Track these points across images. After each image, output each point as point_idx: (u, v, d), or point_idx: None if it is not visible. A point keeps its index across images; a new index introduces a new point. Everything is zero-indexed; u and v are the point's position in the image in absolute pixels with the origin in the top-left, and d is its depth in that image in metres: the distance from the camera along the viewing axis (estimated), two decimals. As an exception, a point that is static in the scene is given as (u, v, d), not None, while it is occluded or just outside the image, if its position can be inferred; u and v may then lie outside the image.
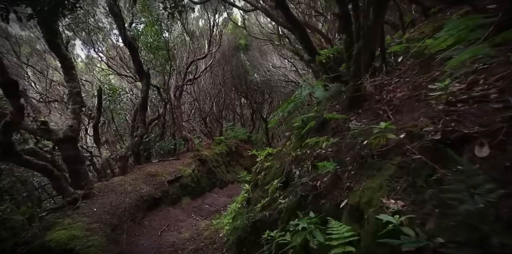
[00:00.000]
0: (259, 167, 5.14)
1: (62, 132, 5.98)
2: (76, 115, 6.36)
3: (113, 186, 6.68)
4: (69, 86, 6.29)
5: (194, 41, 10.89)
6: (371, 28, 2.84)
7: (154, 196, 6.86)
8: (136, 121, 8.21)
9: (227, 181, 11.05)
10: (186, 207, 7.48)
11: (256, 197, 4.44)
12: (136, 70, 7.80)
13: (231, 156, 13.23)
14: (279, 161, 4.42)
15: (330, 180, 2.46)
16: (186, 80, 10.37)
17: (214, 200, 8.43)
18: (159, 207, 6.90)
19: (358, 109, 3.22)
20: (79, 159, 6.25)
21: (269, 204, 3.69)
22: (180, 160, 9.12)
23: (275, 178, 3.91)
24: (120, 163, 7.62)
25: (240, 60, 16.52)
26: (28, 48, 9.86)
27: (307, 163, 3.27)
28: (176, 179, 7.90)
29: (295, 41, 7.24)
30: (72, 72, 6.27)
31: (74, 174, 6.16)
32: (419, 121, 1.82)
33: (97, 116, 7.64)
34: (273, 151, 5.19)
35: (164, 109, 9.89)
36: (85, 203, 5.72)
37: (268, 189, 3.92)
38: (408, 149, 1.62)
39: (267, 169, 4.65)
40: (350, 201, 1.93)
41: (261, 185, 4.57)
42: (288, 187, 3.47)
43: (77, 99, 6.42)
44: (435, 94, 1.99)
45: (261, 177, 4.64)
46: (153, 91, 10.35)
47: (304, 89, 3.87)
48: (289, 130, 8.52)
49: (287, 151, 4.43)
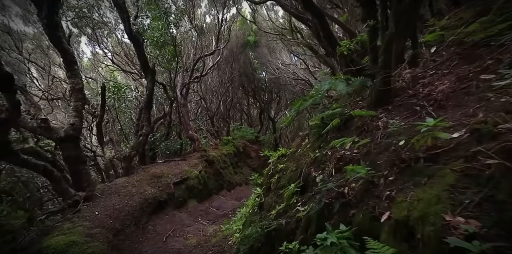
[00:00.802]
0: (271, 169, 4.84)
1: (63, 130, 5.78)
2: (78, 113, 6.15)
3: (117, 188, 6.46)
4: (71, 82, 6.09)
5: (202, 37, 10.64)
6: (407, 10, 2.50)
7: (159, 198, 6.62)
8: (141, 120, 7.99)
9: (235, 183, 10.77)
10: (193, 210, 7.22)
11: (270, 202, 4.14)
12: (141, 66, 7.59)
13: (238, 156, 12.95)
14: (294, 162, 4.12)
15: (362, 187, 2.14)
16: (193, 78, 10.13)
17: (222, 203, 8.16)
18: (164, 210, 6.65)
19: (388, 106, 2.89)
20: (81, 159, 6.04)
21: (285, 211, 3.39)
22: (186, 161, 8.87)
23: (291, 182, 3.61)
24: (124, 163, 7.41)
25: (248, 57, 16.25)
26: (31, 45, 9.75)
27: (329, 165, 2.96)
28: (182, 181, 7.65)
29: (308, 36, 6.92)
30: (74, 67, 6.06)
31: (75, 175, 5.96)
32: (485, 116, 1.49)
33: (100, 114, 7.45)
34: (287, 151, 4.88)
35: (170, 107, 9.66)
36: (87, 206, 5.51)
37: (283, 194, 3.62)
38: (478, 151, 1.29)
39: (281, 171, 4.34)
40: (395, 214, 1.60)
41: (274, 189, 4.27)
42: (306, 192, 3.17)
43: (80, 96, 6.22)
44: (499, 85, 1.65)
45: (274, 180, 4.33)
46: (158, 88, 10.14)
47: (324, 84, 3.55)
48: (301, 129, 8.00)
49: (303, 152, 4.12)
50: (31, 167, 4.83)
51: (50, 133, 5.58)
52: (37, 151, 5.60)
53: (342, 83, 3.47)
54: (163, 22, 7.64)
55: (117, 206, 5.74)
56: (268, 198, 4.37)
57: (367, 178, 2.08)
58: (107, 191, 6.27)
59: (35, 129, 5.46)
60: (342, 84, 3.46)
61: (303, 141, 4.67)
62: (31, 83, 9.43)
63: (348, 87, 3.42)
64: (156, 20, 7.53)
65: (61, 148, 5.85)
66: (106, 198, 5.99)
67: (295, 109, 4.72)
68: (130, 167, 7.52)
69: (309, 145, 4.11)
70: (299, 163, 3.88)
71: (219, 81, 14.60)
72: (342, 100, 4.37)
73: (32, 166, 4.77)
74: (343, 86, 3.42)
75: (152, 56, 9.31)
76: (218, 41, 10.23)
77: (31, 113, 5.63)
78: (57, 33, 5.38)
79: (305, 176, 3.34)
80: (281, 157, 4.94)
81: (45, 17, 4.94)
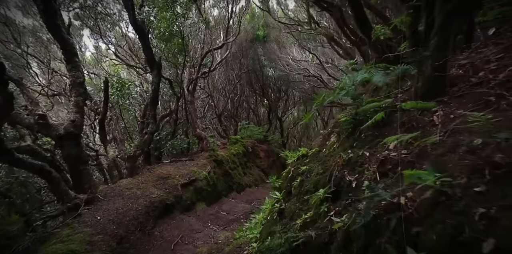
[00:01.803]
0: (291, 171, 4.41)
1: (63, 127, 5.44)
2: (79, 108, 5.82)
3: (120, 190, 6.11)
4: (71, 75, 5.75)
5: (210, 30, 10.23)
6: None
7: (166, 201, 6.25)
8: (146, 117, 7.64)
9: (245, 184, 10.37)
10: (202, 214, 6.85)
11: (292, 209, 3.73)
12: (147, 59, 7.22)
13: (247, 156, 12.55)
14: (319, 164, 3.69)
15: (429, 198, 1.70)
16: (201, 73, 9.73)
17: (232, 207, 7.76)
18: (171, 214, 6.29)
19: (442, 97, 2.45)
20: (82, 158, 5.70)
21: (313, 220, 2.97)
22: (194, 161, 8.50)
23: (319, 186, 3.19)
24: (128, 163, 7.07)
25: (257, 53, 15.83)
26: (31, 37, 9.45)
27: (369, 168, 2.53)
28: (190, 182, 7.28)
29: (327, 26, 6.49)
30: (74, 59, 5.72)
31: (76, 176, 5.63)
32: None
33: (103, 111, 7.11)
34: (308, 151, 4.44)
35: (177, 104, 9.30)
36: (88, 210, 5.16)
37: (309, 200, 3.21)
38: None
39: (304, 174, 3.92)
40: (505, 244, 1.17)
41: (297, 193, 3.85)
42: (340, 200, 2.75)
43: (81, 90, 5.88)
44: None
45: (296, 183, 3.91)
46: (164, 84, 9.78)
47: (358, 74, 3.11)
48: (309, 129, 7.43)
49: (330, 152, 3.69)
50: (27, 167, 4.49)
51: (49, 130, 5.24)
52: (34, 149, 5.28)
53: (379, 73, 3.03)
54: (170, 12, 7.26)
55: (121, 209, 5.39)
56: (289, 204, 3.96)
57: (437, 187, 1.65)
58: (110, 193, 5.92)
59: (32, 125, 5.13)
60: (379, 74, 3.01)
61: (326, 140, 4.25)
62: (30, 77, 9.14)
63: (386, 77, 2.98)
64: (163, 10, 7.15)
65: (60, 147, 5.52)
66: (109, 201, 5.64)
67: (317, 105, 4.30)
68: (134, 167, 7.18)
69: (336, 144, 3.68)
70: (326, 164, 3.46)
71: (227, 78, 14.21)
72: (373, 93, 3.94)
73: (28, 166, 4.44)
74: (380, 76, 2.98)
75: (158, 50, 8.96)
76: (227, 34, 9.81)
77: (28, 109, 5.29)
78: (55, 21, 5.03)
79: (337, 180, 2.92)
80: (301, 158, 4.52)
81: (41, 2, 4.59)
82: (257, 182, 11.78)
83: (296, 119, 25.72)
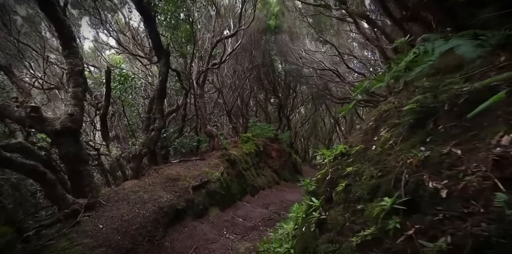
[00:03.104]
0: (329, 173, 3.77)
1: (60, 122, 4.85)
2: (78, 100, 5.22)
3: (125, 193, 5.53)
4: (69, 63, 5.15)
5: (220, 17, 9.59)
6: None
7: (176, 206, 5.65)
8: (152, 111, 7.04)
9: (258, 186, 9.75)
10: (216, 220, 6.24)
11: (339, 221, 3.07)
12: (153, 46, 6.59)
13: (259, 156, 11.93)
14: (371, 165, 3.04)
15: None
16: (211, 64, 9.10)
17: (248, 212, 7.15)
18: (182, 221, 5.68)
19: None
20: (82, 158, 5.11)
21: (377, 239, 2.31)
22: (205, 160, 7.90)
23: (378, 193, 2.55)
24: (133, 163, 6.47)
25: (267, 45, 15.20)
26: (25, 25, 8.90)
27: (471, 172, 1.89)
28: (202, 185, 6.68)
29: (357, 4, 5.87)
30: (72, 44, 5.13)
31: (75, 177, 5.04)
32: None
33: (105, 104, 6.53)
34: (350, 149, 3.78)
35: (185, 99, 8.70)
36: (88, 217, 4.57)
37: (364, 211, 2.57)
38: None
39: (349, 176, 3.28)
40: None
41: (343, 201, 3.19)
42: (420, 214, 2.09)
43: (80, 80, 5.28)
44: None
45: (340, 188, 3.25)
46: (171, 77, 9.18)
47: (438, 45, 2.46)
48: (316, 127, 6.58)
49: (385, 149, 3.04)
50: (16, 168, 3.91)
51: (43, 124, 4.65)
52: (26, 147, 4.71)
53: (467, 43, 2.36)
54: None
55: (126, 216, 4.79)
56: (333, 214, 3.30)
57: None
58: (114, 197, 5.33)
59: (23, 119, 4.54)
60: (467, 45, 2.34)
61: (372, 135, 3.60)
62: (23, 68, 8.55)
63: (478, 48, 2.31)
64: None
65: (56, 144, 4.94)
66: (112, 206, 5.05)
67: (361, 90, 3.68)
68: (140, 167, 6.59)
69: (393, 139, 3.02)
70: (385, 165, 2.79)
71: (236, 72, 13.56)
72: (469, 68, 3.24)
73: (18, 166, 3.85)
74: (469, 47, 2.31)
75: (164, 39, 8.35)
76: (240, 21, 9.16)
77: (18, 101, 4.71)
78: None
79: (411, 186, 2.25)
80: (341, 157, 3.85)
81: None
82: (270, 184, 11.18)
83: (304, 118, 25.14)
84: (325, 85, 17.02)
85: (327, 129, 26.71)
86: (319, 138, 27.40)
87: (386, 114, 3.68)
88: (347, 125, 24.62)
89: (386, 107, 3.85)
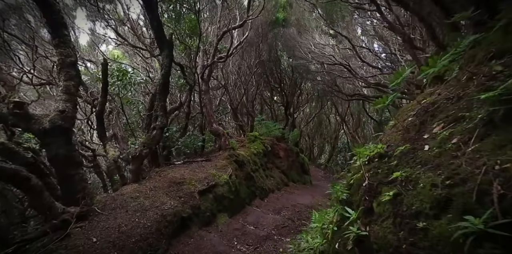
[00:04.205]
0: (366, 178, 3.19)
1: (49, 119, 4.31)
2: (70, 96, 4.67)
3: (124, 200, 4.97)
4: (60, 53, 4.60)
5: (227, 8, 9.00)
6: None
7: (181, 214, 5.09)
8: (154, 108, 6.47)
9: (268, 189, 9.17)
10: (225, 229, 5.67)
11: (390, 240, 2.47)
12: (155, 36, 6.04)
13: (267, 156, 11.35)
14: (427, 169, 2.46)
15: None
16: (217, 58, 8.52)
17: (259, 218, 6.58)
18: (188, 231, 5.12)
19: None
20: (74, 160, 4.57)
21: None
22: (212, 162, 7.34)
23: (448, 209, 1.97)
24: (133, 165, 5.92)
25: (274, 40, 14.62)
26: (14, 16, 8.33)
27: None
28: (209, 189, 6.11)
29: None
30: (62, 32, 4.58)
31: (65, 182, 4.49)
32: None
33: (101, 101, 5.99)
34: (396, 150, 3.17)
35: (189, 95, 8.13)
36: (80, 228, 4.02)
37: (431, 230, 2.00)
38: None
39: (396, 183, 2.71)
40: None
41: (391, 215, 2.60)
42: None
43: (72, 73, 4.73)
44: None
45: (385, 198, 2.67)
46: (174, 72, 8.62)
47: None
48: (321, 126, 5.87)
49: (447, 149, 2.45)
50: (-6, 173, 3.35)
51: (29, 122, 4.11)
52: (9, 148, 4.16)
53: None
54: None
55: (124, 227, 4.23)
56: (378, 230, 2.72)
57: None
58: (111, 204, 4.78)
59: (5, 117, 4.00)
60: None
61: (420, 132, 3.03)
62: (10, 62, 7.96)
63: None
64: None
65: (45, 145, 4.39)
66: (109, 215, 4.50)
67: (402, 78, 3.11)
68: (140, 170, 6.04)
69: (459, 137, 2.43)
70: (455, 171, 2.20)
71: (242, 67, 12.98)
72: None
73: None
74: None
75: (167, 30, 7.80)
76: (248, 11, 8.57)
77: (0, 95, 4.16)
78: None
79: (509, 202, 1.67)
80: (378, 159, 3.26)
81: None
82: (279, 186, 10.61)
83: (308, 116, 24.57)
84: (334, 81, 16.45)
85: (332, 127, 26.16)
86: (324, 136, 26.85)
87: (434, 108, 3.08)
88: (354, 124, 24.03)
89: (431, 100, 3.26)
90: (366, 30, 13.42)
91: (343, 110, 22.85)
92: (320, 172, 20.14)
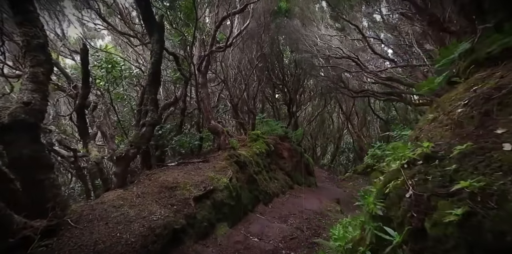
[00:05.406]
0: (409, 187, 2.42)
1: (9, 112, 3.56)
2: (38, 85, 3.92)
3: (104, 209, 4.23)
4: (24, 33, 3.85)
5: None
6: None
7: (173, 225, 4.34)
8: (144, 102, 5.73)
9: (272, 193, 8.42)
10: (224, 242, 4.91)
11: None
12: (143, 18, 5.29)
13: (271, 157, 10.61)
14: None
15: None
16: (215, 47, 7.75)
17: (264, 227, 5.83)
18: (181, 246, 4.37)
19: None
20: (42, 162, 3.82)
21: None
22: (210, 163, 6.58)
23: None
24: (117, 168, 5.17)
25: (277, 32, 13.87)
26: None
27: None
28: (207, 194, 5.35)
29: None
30: (27, 7, 3.83)
31: (32, 189, 3.74)
32: None
33: (82, 93, 5.25)
34: (455, 150, 2.35)
35: (185, 88, 7.38)
36: (46, 248, 3.28)
37: None
38: None
39: (463, 195, 1.96)
40: None
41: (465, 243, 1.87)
42: None
43: (40, 57, 3.98)
44: None
45: (452, 218, 1.90)
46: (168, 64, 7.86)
47: None
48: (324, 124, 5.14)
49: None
50: None
51: (-19, 116, 3.36)
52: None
53: None
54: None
55: (102, 244, 3.49)
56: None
57: None
58: (87, 215, 4.03)
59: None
60: None
61: (483, 127, 2.32)
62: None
63: None
64: None
65: (4, 143, 3.64)
66: (84, 228, 3.75)
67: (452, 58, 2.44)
68: (126, 173, 5.29)
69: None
70: None
71: (242, 61, 12.20)
72: None
73: None
74: None
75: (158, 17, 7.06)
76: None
77: None
78: None
79: None
80: (424, 162, 2.48)
81: None
82: (283, 189, 9.87)
83: (311, 114, 23.82)
84: (339, 77, 15.71)
85: (335, 126, 25.45)
86: (327, 136, 26.16)
87: (502, 94, 2.36)
88: (359, 122, 23.35)
89: (492, 84, 2.55)
90: (376, 21, 12.69)
91: (348, 108, 22.14)
92: (323, 172, 19.43)
